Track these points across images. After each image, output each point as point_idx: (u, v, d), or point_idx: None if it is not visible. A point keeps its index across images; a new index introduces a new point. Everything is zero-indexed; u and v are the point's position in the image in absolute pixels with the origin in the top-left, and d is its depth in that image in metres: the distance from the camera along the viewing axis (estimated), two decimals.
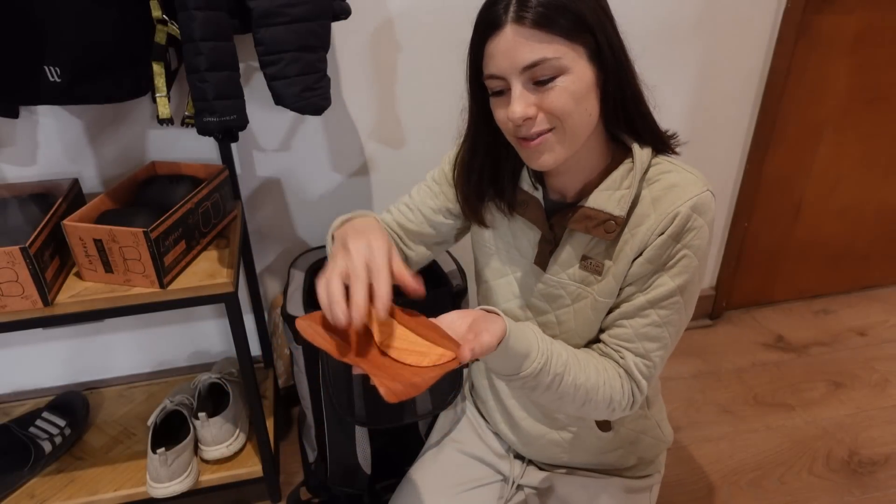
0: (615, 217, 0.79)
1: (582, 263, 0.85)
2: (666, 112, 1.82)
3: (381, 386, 0.60)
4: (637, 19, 1.51)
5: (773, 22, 1.61)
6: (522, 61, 0.71)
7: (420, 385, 0.62)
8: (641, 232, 0.79)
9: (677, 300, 0.80)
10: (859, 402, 1.74)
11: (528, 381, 0.75)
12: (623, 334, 0.82)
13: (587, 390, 0.79)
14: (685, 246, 0.78)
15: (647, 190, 0.79)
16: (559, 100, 0.72)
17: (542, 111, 0.73)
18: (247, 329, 1.24)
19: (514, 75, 0.72)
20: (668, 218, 0.76)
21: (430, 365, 0.65)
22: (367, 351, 0.67)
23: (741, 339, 2.00)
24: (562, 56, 0.71)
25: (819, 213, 1.99)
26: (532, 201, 0.88)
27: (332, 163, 1.51)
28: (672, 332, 0.82)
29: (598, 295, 0.84)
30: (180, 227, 1.13)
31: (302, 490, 1.43)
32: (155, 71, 1.09)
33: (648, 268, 0.79)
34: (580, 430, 0.98)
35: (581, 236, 0.84)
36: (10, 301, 1.03)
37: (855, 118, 1.84)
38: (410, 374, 0.64)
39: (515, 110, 0.73)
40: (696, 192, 0.77)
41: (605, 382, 0.80)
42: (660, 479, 1.07)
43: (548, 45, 0.71)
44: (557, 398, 0.79)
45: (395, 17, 1.37)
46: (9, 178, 1.34)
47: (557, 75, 0.72)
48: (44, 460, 1.35)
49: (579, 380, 0.78)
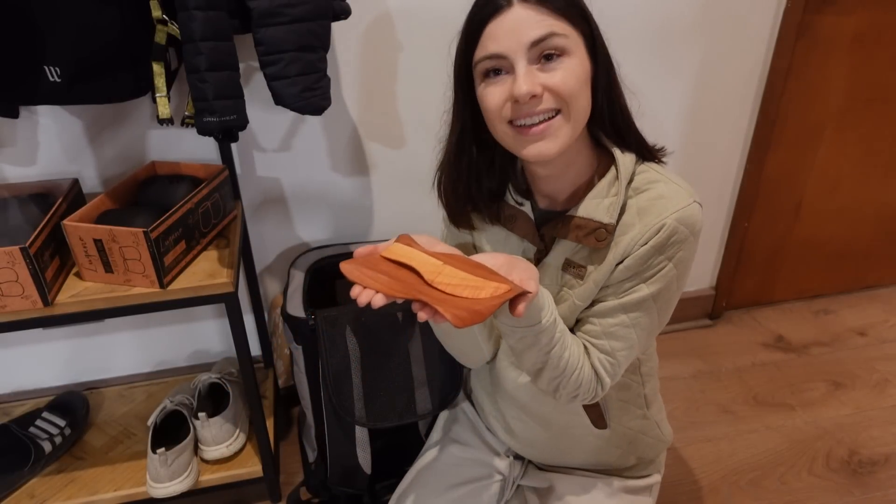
0: (605, 225, 0.79)
1: (565, 268, 0.85)
2: (665, 112, 1.83)
3: (447, 312, 0.61)
4: (637, 19, 1.51)
5: (773, 22, 1.61)
6: (531, 36, 0.71)
7: (483, 312, 0.62)
8: (625, 241, 0.78)
9: (650, 305, 0.80)
10: (859, 402, 1.74)
11: (531, 333, 0.75)
12: (591, 331, 0.83)
13: (565, 368, 0.79)
14: (668, 258, 0.77)
15: (634, 199, 0.79)
16: (568, 79, 0.72)
17: (548, 91, 0.72)
18: (247, 329, 1.24)
19: (519, 53, 0.71)
20: (654, 229, 0.76)
21: (487, 297, 0.65)
22: (419, 288, 0.65)
23: (741, 339, 2.00)
24: (568, 35, 0.72)
25: (819, 213, 1.99)
26: (520, 215, 0.87)
27: (332, 163, 1.51)
28: (641, 334, 0.82)
29: (576, 298, 0.84)
30: (180, 227, 1.13)
31: (302, 490, 1.43)
32: (155, 71, 1.09)
33: (626, 274, 0.79)
34: (577, 432, 0.98)
35: (567, 242, 0.84)
36: (10, 301, 1.03)
37: (855, 118, 1.84)
38: (470, 304, 0.63)
39: (522, 86, 0.71)
40: (682, 203, 0.76)
41: (580, 368, 0.81)
42: (660, 479, 1.07)
43: (555, 22, 0.71)
44: (541, 363, 0.79)
45: (394, 16, 1.37)
46: (9, 178, 1.34)
47: (563, 55, 0.72)
48: (44, 460, 1.35)
49: (565, 355, 0.78)
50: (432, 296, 0.64)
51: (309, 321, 1.22)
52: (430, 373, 1.23)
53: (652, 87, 1.61)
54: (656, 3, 1.50)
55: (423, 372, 1.22)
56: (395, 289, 0.64)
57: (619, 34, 1.50)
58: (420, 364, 1.23)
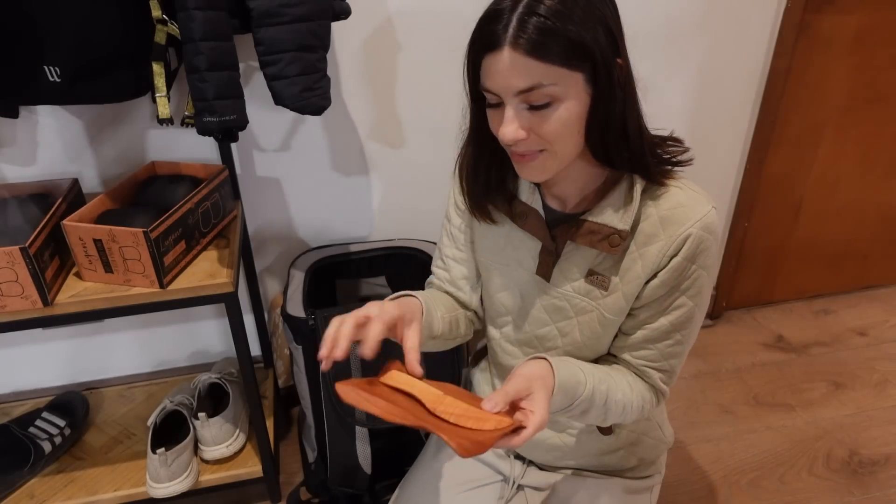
0: (619, 231, 0.79)
1: (588, 278, 0.85)
2: (666, 112, 1.83)
3: (452, 441, 0.62)
4: (637, 19, 1.51)
5: (773, 22, 1.61)
6: (516, 86, 0.69)
7: (486, 444, 0.63)
8: (652, 253, 0.79)
9: (697, 316, 0.84)
10: (859, 402, 1.74)
11: (579, 407, 0.78)
12: (650, 356, 0.86)
13: (625, 404, 0.83)
14: (700, 266, 0.80)
15: (654, 207, 0.79)
16: (550, 127, 0.72)
17: (534, 134, 0.73)
18: (247, 329, 1.24)
19: (508, 95, 0.71)
20: (680, 239, 0.77)
21: (490, 429, 0.66)
22: (420, 414, 0.68)
23: (741, 339, 2.00)
24: (557, 83, 0.69)
25: (819, 213, 1.99)
26: (532, 213, 0.87)
27: (332, 163, 1.51)
28: (689, 343, 0.87)
29: (605, 311, 0.85)
30: (180, 227, 1.13)
31: (302, 490, 1.43)
32: (155, 71, 1.09)
33: (665, 289, 0.81)
34: (581, 434, 0.98)
35: (587, 250, 0.84)
36: (10, 301, 1.03)
37: (855, 118, 1.83)
38: (473, 434, 0.65)
39: (507, 132, 0.72)
40: (704, 210, 0.78)
41: (638, 395, 0.85)
42: (660, 480, 1.07)
43: (543, 72, 0.68)
44: (604, 414, 0.82)
45: (394, 16, 1.37)
46: (9, 178, 1.34)
47: (551, 102, 0.71)
48: (44, 460, 1.35)
49: (617, 396, 0.82)
50: (436, 424, 0.66)
51: (309, 321, 1.22)
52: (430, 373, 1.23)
53: (652, 87, 1.61)
54: (656, 3, 1.50)
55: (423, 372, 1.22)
56: (396, 414, 0.65)
57: None
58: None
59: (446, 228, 1.00)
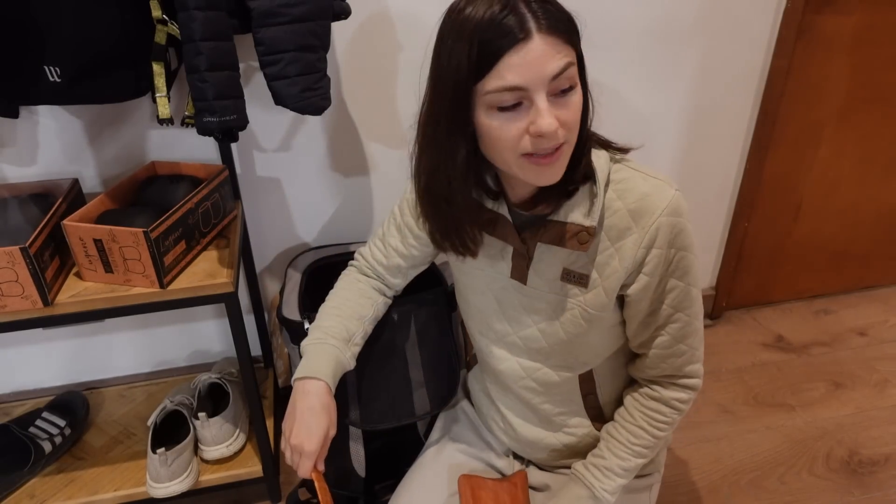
0: (587, 228, 0.80)
1: (564, 276, 0.85)
2: (666, 112, 1.83)
3: None
4: (637, 19, 1.51)
5: (773, 22, 1.61)
6: (552, 69, 0.68)
7: None
8: (628, 246, 0.80)
9: (695, 293, 0.87)
10: (859, 402, 1.74)
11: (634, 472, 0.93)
12: (664, 342, 0.89)
13: (655, 435, 0.92)
14: (679, 248, 0.81)
15: (621, 201, 0.80)
16: (571, 113, 0.73)
17: (561, 125, 0.72)
18: (247, 329, 1.24)
19: (540, 86, 0.69)
20: (653, 230, 0.79)
21: None
22: None
23: (741, 339, 2.00)
24: (574, 62, 0.72)
25: (819, 213, 1.99)
26: (499, 219, 0.87)
27: (332, 163, 1.51)
28: (698, 321, 0.92)
29: (588, 307, 0.85)
30: (180, 227, 1.13)
31: (301, 490, 1.43)
32: (155, 71, 1.09)
33: (655, 280, 0.82)
34: (578, 433, 0.99)
35: (559, 250, 0.84)
36: (10, 301, 1.04)
37: (855, 118, 1.83)
38: None
39: (547, 124, 0.69)
40: (668, 196, 0.79)
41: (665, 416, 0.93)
42: (659, 479, 1.07)
43: (567, 51, 0.70)
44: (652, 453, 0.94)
45: (395, 16, 1.37)
46: (9, 178, 1.35)
47: (573, 87, 0.72)
48: (44, 460, 1.35)
49: (647, 438, 0.92)
50: None
51: (304, 323, 1.22)
52: (427, 374, 1.23)
53: (652, 86, 1.61)
54: (657, 3, 1.50)
55: (421, 373, 1.22)
56: None
57: (620, 34, 1.51)
58: (417, 365, 1.23)
59: (395, 219, 1.02)
